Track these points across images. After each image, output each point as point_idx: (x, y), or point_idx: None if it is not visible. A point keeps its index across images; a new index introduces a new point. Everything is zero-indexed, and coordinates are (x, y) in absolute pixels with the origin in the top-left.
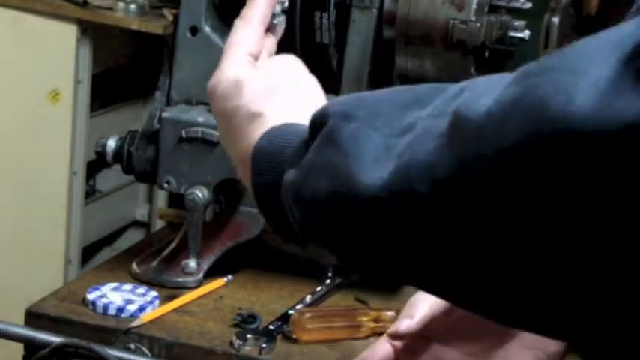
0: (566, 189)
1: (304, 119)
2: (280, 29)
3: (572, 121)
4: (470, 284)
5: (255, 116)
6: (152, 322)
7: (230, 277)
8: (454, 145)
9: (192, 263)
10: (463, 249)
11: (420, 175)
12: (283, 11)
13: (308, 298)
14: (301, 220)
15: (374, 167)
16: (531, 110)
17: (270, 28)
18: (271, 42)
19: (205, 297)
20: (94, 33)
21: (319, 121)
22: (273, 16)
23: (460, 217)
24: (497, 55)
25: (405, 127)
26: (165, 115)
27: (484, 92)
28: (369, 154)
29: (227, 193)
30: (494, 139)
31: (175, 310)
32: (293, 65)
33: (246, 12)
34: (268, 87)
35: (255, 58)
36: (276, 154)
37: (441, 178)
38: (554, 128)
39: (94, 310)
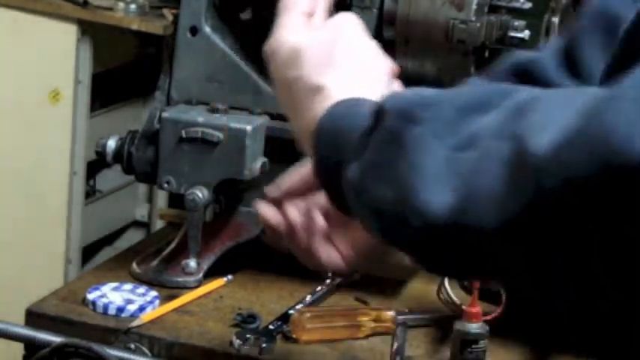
0: (628, 220)
1: (366, 90)
2: None
3: (635, 155)
4: (527, 296)
5: (316, 89)
6: (152, 322)
7: (230, 277)
8: (519, 177)
9: (192, 263)
10: (527, 278)
11: (486, 206)
12: None
13: (308, 298)
14: (362, 215)
15: (438, 185)
16: (596, 143)
17: None
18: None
19: (205, 297)
20: (94, 33)
21: (379, 113)
22: None
23: (525, 248)
24: (497, 55)
25: (468, 139)
26: (165, 115)
27: (550, 117)
28: (433, 168)
29: (227, 193)
30: (560, 172)
31: (175, 310)
32: (350, 28)
33: None
34: (327, 55)
35: (311, 15)
36: (339, 137)
37: (507, 211)
38: (619, 162)
39: (94, 310)
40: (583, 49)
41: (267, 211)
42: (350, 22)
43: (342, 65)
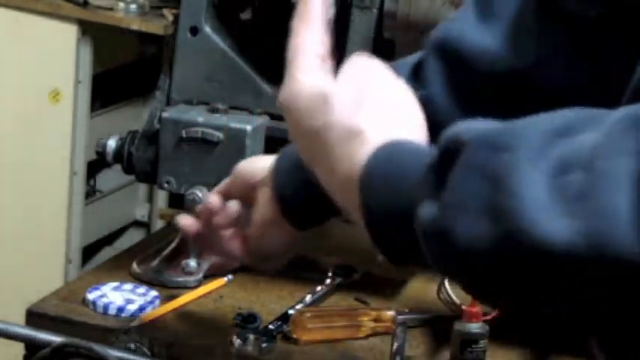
0: None
1: (404, 132)
2: (331, 23)
3: None
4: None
5: (353, 133)
6: (152, 322)
7: (230, 276)
8: None
9: (192, 263)
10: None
11: (621, 229)
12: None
13: (308, 298)
14: (447, 260)
15: (550, 213)
16: None
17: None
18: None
19: (205, 297)
20: (94, 33)
21: (452, 146)
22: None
23: None
24: None
25: (564, 162)
26: (165, 115)
27: None
28: (538, 196)
29: None
30: None
31: (175, 310)
32: (375, 68)
33: (304, 10)
34: (359, 98)
35: (324, 59)
36: (396, 178)
37: None
38: None
39: (94, 310)
40: (427, 71)
41: (184, 219)
42: (372, 63)
43: (376, 107)
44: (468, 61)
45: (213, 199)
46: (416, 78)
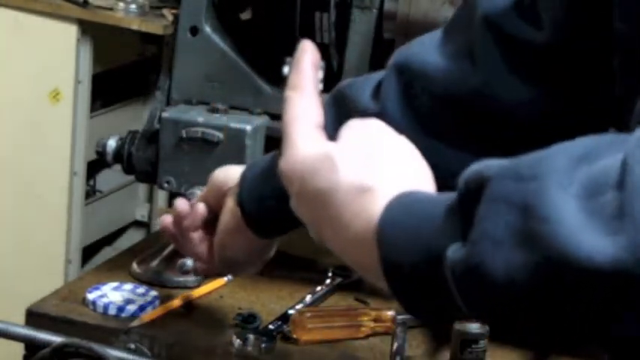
0: None
1: (416, 186)
2: (321, 96)
3: None
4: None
5: (362, 190)
6: (152, 322)
7: (230, 277)
8: None
9: (188, 262)
10: None
11: None
12: (323, 77)
13: (308, 298)
14: (482, 300)
15: (590, 233)
16: None
17: None
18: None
19: (205, 297)
20: (94, 33)
21: (474, 184)
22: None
23: None
24: None
25: (593, 186)
26: (165, 115)
27: None
28: (574, 218)
29: None
30: None
31: (175, 310)
32: (375, 127)
33: (296, 80)
34: (363, 155)
35: (321, 127)
36: (415, 227)
37: None
38: None
39: (94, 310)
40: (385, 87)
41: (165, 218)
42: (372, 123)
43: (381, 163)
44: (422, 80)
45: (180, 202)
46: (375, 94)
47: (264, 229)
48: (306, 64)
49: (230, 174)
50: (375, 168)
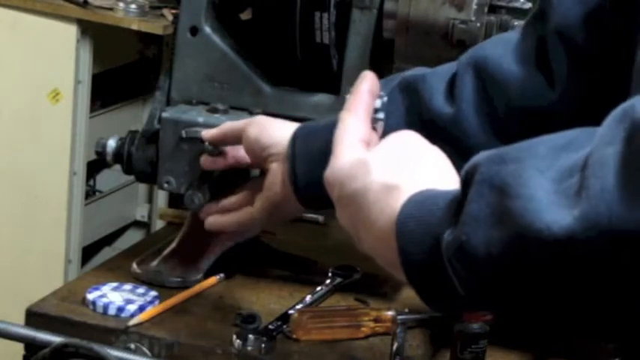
0: None
1: (441, 187)
2: (382, 125)
3: None
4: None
5: (390, 188)
6: (152, 322)
7: (222, 275)
8: None
9: (197, 198)
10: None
11: (612, 208)
12: (383, 107)
13: (308, 298)
14: (472, 277)
15: (555, 208)
16: None
17: (372, 123)
18: (375, 138)
19: (205, 297)
20: (94, 33)
21: (470, 173)
22: (375, 110)
23: None
24: None
25: (569, 170)
26: (165, 115)
27: None
28: (544, 196)
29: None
30: None
31: (175, 310)
32: (413, 139)
33: (351, 103)
34: (397, 161)
35: (368, 144)
36: (426, 217)
37: None
38: None
39: (94, 310)
40: (461, 88)
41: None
42: (411, 135)
43: (412, 168)
44: (499, 85)
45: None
46: (449, 94)
47: (316, 203)
48: (363, 90)
49: (273, 139)
50: (403, 170)
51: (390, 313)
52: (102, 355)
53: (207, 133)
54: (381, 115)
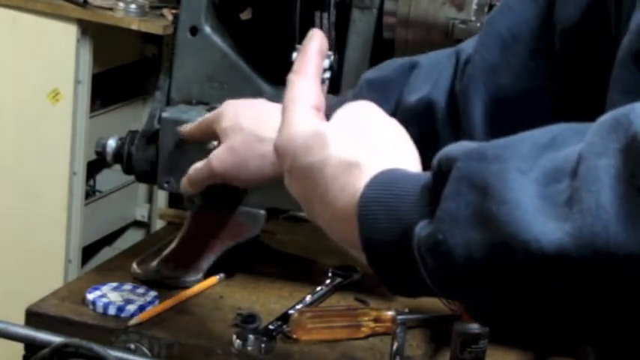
0: None
1: (402, 165)
2: (326, 85)
3: None
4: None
5: (350, 166)
6: (152, 322)
7: (222, 275)
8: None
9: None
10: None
11: (608, 227)
12: (330, 66)
13: (308, 298)
14: (445, 275)
15: (542, 217)
16: None
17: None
18: (324, 102)
19: (205, 297)
20: (94, 33)
21: (445, 164)
22: (324, 70)
23: None
24: None
25: (553, 172)
26: (165, 115)
27: None
28: (528, 202)
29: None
30: None
31: (175, 310)
32: (372, 111)
33: (300, 65)
34: (355, 134)
35: (319, 110)
36: (393, 203)
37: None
38: None
39: (94, 310)
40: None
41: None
42: (366, 106)
43: (372, 142)
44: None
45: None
46: (461, 71)
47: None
48: (312, 50)
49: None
50: (363, 145)
51: (390, 313)
52: (102, 355)
53: (184, 128)
54: (327, 75)
